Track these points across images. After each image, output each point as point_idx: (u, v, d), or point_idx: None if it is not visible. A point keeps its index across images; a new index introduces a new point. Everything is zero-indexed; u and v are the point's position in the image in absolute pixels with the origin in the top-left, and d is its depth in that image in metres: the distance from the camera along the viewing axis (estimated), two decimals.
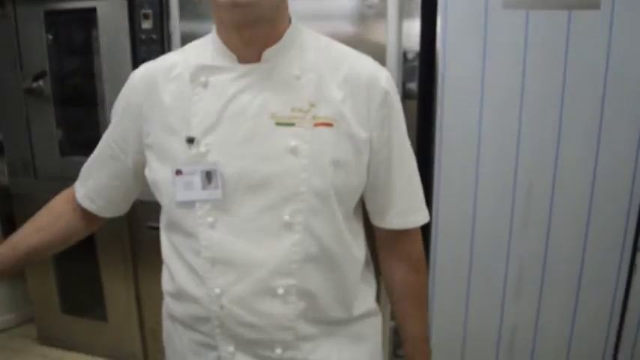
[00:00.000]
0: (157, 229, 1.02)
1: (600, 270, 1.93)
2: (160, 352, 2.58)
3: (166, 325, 1.10)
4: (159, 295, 2.70)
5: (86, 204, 1.09)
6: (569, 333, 2.01)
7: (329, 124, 0.89)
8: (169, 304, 1.05)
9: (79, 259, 2.53)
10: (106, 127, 1.05)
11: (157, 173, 0.96)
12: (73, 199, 1.11)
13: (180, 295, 0.99)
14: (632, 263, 1.90)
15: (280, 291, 0.90)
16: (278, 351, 0.94)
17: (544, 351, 2.03)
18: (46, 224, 1.09)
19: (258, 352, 0.95)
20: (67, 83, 2.44)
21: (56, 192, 1.13)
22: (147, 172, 0.99)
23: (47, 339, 2.76)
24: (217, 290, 0.91)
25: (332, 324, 0.98)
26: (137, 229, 2.36)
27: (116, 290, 2.52)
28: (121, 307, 2.54)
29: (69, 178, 1.11)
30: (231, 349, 0.95)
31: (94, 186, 1.08)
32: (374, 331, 1.07)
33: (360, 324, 1.02)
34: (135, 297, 2.48)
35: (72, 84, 2.45)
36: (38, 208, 1.11)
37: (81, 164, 1.10)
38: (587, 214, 1.88)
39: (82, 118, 2.42)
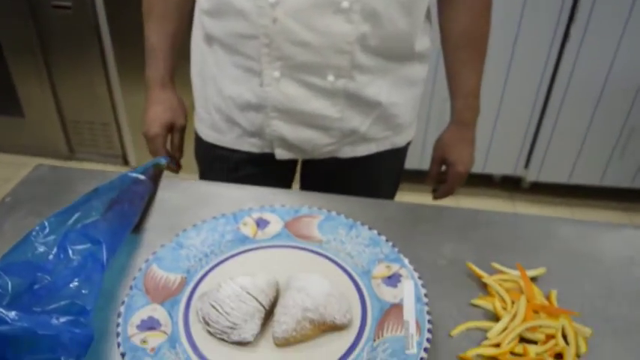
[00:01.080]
0: (65, 7, 0.85)
1: (534, 43, 1.95)
2: (84, 144, 2.50)
3: (199, 48, 0.98)
4: (76, 83, 2.51)
5: None
6: (497, 106, 2.07)
7: None
8: (206, 24, 0.92)
9: None
10: None
11: None
12: None
13: (221, 12, 0.87)
14: (567, 34, 1.90)
15: (345, 4, 0.79)
16: (330, 78, 0.85)
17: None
18: (176, 23, 1.00)
19: (306, 79, 0.86)
20: None
21: None
22: None
23: None
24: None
25: (390, 59, 0.90)
26: (42, 11, 2.08)
27: (28, 82, 2.33)
28: (36, 101, 2.38)
29: None
30: (276, 74, 0.86)
31: None
32: (421, 79, 1.00)
33: (413, 66, 0.95)
34: (50, 87, 2.32)
35: None
36: None
37: None
38: None
39: None
